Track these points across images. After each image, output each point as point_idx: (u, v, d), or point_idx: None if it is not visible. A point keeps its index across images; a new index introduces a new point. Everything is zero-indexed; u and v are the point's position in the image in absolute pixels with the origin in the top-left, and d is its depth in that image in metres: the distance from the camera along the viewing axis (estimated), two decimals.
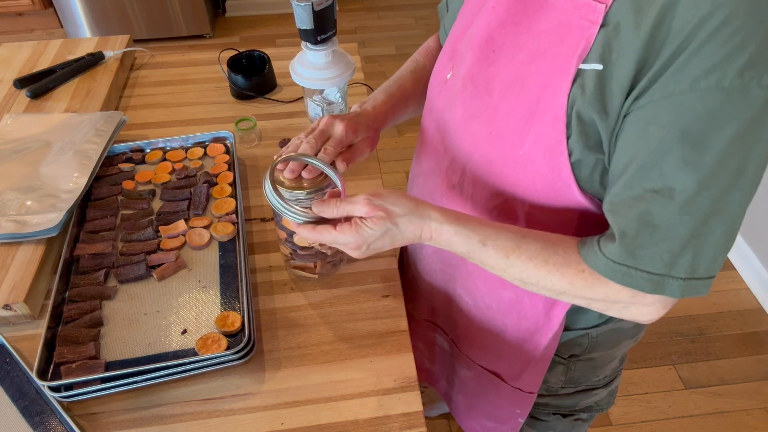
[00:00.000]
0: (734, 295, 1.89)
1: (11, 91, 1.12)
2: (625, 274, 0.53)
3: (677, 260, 0.51)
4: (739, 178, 0.48)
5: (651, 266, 0.52)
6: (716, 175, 0.48)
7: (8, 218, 0.81)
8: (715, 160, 0.47)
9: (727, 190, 0.49)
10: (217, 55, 1.23)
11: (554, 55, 0.54)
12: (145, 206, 0.89)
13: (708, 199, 0.49)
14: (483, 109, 0.62)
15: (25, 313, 0.75)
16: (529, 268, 0.58)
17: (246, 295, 0.74)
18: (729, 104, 0.45)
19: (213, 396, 0.69)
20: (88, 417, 0.67)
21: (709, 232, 0.50)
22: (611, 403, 0.90)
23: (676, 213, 0.50)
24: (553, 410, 0.87)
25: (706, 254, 0.51)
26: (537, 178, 0.58)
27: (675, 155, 0.48)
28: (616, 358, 0.83)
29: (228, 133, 1.00)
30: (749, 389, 1.65)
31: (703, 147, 0.47)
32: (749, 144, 0.47)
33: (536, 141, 0.56)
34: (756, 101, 0.45)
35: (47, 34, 3.17)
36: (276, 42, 3.12)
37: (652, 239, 0.51)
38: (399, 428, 0.66)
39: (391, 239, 0.60)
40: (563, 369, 0.80)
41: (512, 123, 0.58)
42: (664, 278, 0.52)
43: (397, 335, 0.75)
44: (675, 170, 0.49)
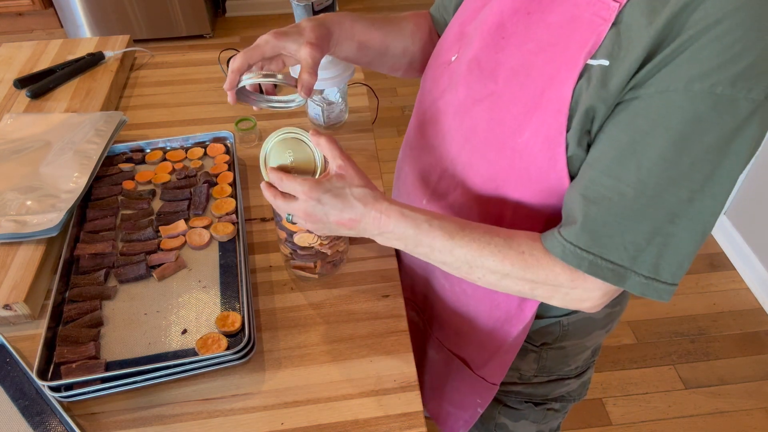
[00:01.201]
0: (734, 295, 1.89)
1: (11, 91, 1.12)
2: (592, 263, 0.54)
3: (641, 255, 0.53)
4: (711, 186, 0.50)
5: (616, 257, 0.53)
6: (689, 178, 0.50)
7: (8, 218, 0.81)
8: (691, 162, 0.49)
9: (698, 195, 0.50)
10: (217, 55, 1.23)
11: (563, 48, 0.54)
12: (145, 206, 0.89)
13: (677, 199, 0.50)
14: (486, 95, 0.62)
15: (25, 313, 0.75)
16: (473, 249, 0.60)
17: (246, 295, 0.74)
18: (716, 111, 0.47)
19: (213, 396, 0.69)
20: (88, 417, 0.67)
21: (675, 234, 0.52)
22: (583, 395, 0.92)
23: (645, 206, 0.51)
24: (526, 398, 0.88)
25: (671, 256, 0.53)
26: (532, 168, 0.59)
27: (655, 150, 0.50)
28: (588, 348, 0.84)
29: (228, 133, 1.00)
30: (749, 389, 1.65)
31: (683, 148, 0.49)
32: (725, 154, 0.49)
33: (536, 131, 0.57)
34: (740, 113, 0.47)
35: (47, 34, 3.17)
36: None
37: (619, 229, 0.53)
38: (399, 428, 0.66)
39: (342, 206, 0.60)
40: (535, 357, 0.81)
41: (514, 111, 0.59)
42: (627, 271, 0.53)
43: (397, 335, 0.75)
44: (652, 164, 0.50)
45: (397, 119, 2.61)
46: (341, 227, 0.62)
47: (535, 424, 0.91)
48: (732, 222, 2.00)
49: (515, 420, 0.90)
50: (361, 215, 0.61)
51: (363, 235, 0.63)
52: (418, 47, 0.82)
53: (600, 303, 0.59)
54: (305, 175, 0.65)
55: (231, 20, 3.34)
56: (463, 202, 0.69)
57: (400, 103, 2.70)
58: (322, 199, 0.60)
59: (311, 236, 0.72)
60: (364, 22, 0.75)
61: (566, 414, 0.95)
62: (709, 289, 1.91)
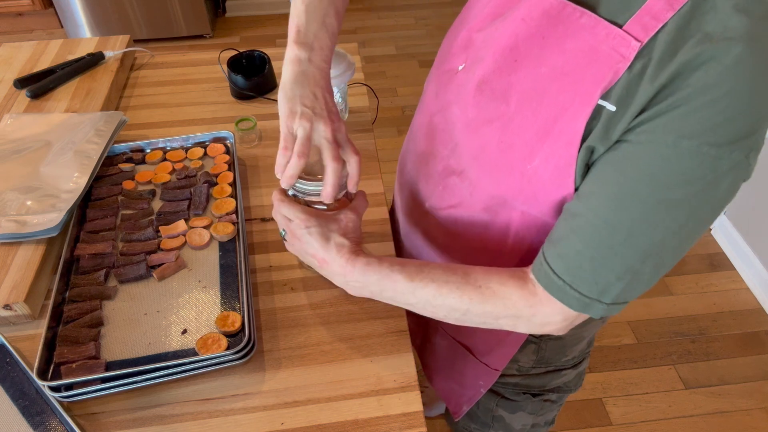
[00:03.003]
0: (734, 295, 1.89)
1: (11, 91, 1.12)
2: (560, 288, 0.57)
3: (609, 288, 0.56)
4: (681, 229, 0.53)
5: (586, 289, 0.56)
6: (664, 223, 0.52)
7: (8, 218, 0.81)
8: (668, 209, 0.52)
9: (669, 238, 0.53)
10: (217, 55, 1.23)
11: (579, 78, 0.54)
12: (145, 206, 0.89)
13: (651, 241, 0.53)
14: (497, 116, 0.61)
15: (25, 313, 0.75)
16: (432, 289, 0.62)
17: (246, 295, 0.74)
18: (700, 168, 0.49)
19: (213, 396, 0.69)
20: (88, 417, 0.67)
21: (643, 271, 0.55)
22: (579, 385, 0.94)
23: (620, 245, 0.54)
24: (523, 390, 0.90)
25: (635, 288, 0.56)
26: (541, 193, 0.60)
27: (637, 195, 0.52)
28: (585, 339, 0.86)
29: (228, 133, 1.00)
30: (749, 389, 1.65)
31: (663, 196, 0.51)
32: (700, 202, 0.51)
33: (547, 159, 0.57)
34: (720, 169, 0.49)
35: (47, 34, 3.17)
36: (276, 42, 3.12)
37: (593, 266, 0.55)
38: (399, 428, 0.66)
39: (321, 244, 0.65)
40: (534, 348, 0.83)
41: (525, 136, 0.59)
42: (593, 302, 0.57)
43: (397, 335, 0.75)
44: (632, 208, 0.53)
45: (397, 119, 2.61)
46: (314, 260, 0.66)
47: (532, 416, 0.92)
48: (732, 222, 1.99)
49: (512, 412, 0.92)
50: (332, 260, 0.64)
51: (331, 278, 0.67)
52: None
53: (563, 326, 0.62)
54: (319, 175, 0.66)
55: (231, 20, 3.34)
56: (471, 210, 0.69)
57: (400, 103, 2.70)
58: (311, 230, 0.65)
59: None
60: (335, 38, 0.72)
61: (561, 406, 0.96)
62: (709, 289, 1.91)
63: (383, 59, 3.02)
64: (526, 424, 0.93)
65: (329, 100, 0.66)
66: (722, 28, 0.47)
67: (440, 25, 3.29)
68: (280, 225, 0.69)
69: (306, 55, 0.66)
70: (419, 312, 0.66)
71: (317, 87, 0.65)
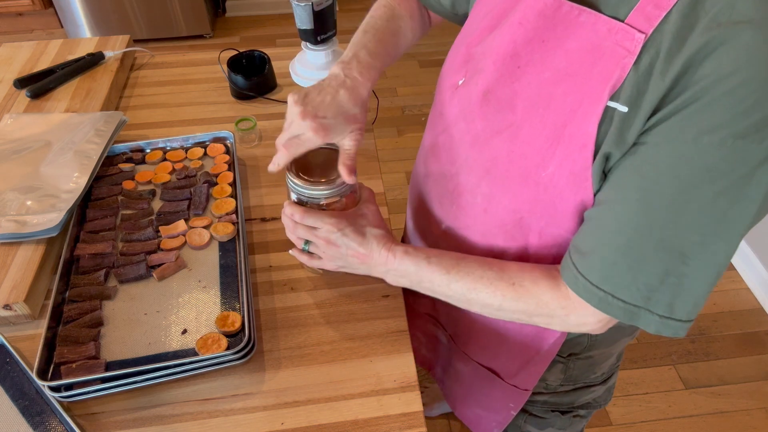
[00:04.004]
0: (734, 295, 1.89)
1: (11, 91, 1.12)
2: (602, 299, 0.55)
3: (655, 295, 0.53)
4: (723, 229, 0.49)
5: (628, 296, 0.54)
6: (698, 222, 0.49)
7: (8, 218, 0.81)
8: (700, 207, 0.49)
9: (710, 238, 0.50)
10: (217, 55, 1.23)
11: (585, 79, 0.52)
12: (145, 206, 0.89)
13: (687, 241, 0.50)
14: (506, 126, 0.60)
15: (25, 313, 0.75)
16: (467, 282, 0.62)
17: (246, 295, 0.74)
18: (726, 162, 0.47)
19: (213, 396, 0.69)
20: (88, 417, 0.67)
21: (688, 275, 0.51)
22: (608, 400, 0.91)
23: (654, 249, 0.51)
24: (552, 407, 0.88)
25: (686, 296, 0.52)
26: (558, 201, 0.58)
27: (663, 197, 0.50)
28: (614, 355, 0.84)
29: (228, 133, 1.00)
30: (749, 389, 1.65)
31: (691, 195, 0.49)
32: (737, 199, 0.48)
33: (561, 165, 0.56)
34: (752, 160, 0.46)
35: (47, 34, 3.17)
36: (276, 42, 3.12)
37: (629, 269, 0.53)
38: (399, 428, 0.66)
39: (360, 241, 0.66)
40: (562, 368, 0.80)
41: (536, 144, 0.57)
42: (640, 310, 0.54)
43: (397, 335, 0.75)
44: (659, 210, 0.50)
45: (397, 119, 2.61)
46: (354, 259, 0.67)
47: (561, 431, 0.90)
48: None
49: (541, 429, 0.90)
50: (373, 252, 0.66)
51: (371, 272, 0.68)
52: (419, 33, 0.82)
53: (599, 327, 0.60)
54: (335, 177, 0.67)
55: (231, 20, 3.34)
56: (486, 230, 0.68)
57: (400, 103, 2.70)
58: (345, 231, 0.66)
59: None
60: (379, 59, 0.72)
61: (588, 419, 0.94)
62: None
63: None
64: None
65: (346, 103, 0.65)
66: (729, 10, 0.45)
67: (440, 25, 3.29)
68: (299, 240, 0.70)
69: (339, 68, 0.68)
70: (455, 303, 0.65)
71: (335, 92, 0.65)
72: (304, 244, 0.69)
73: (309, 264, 0.72)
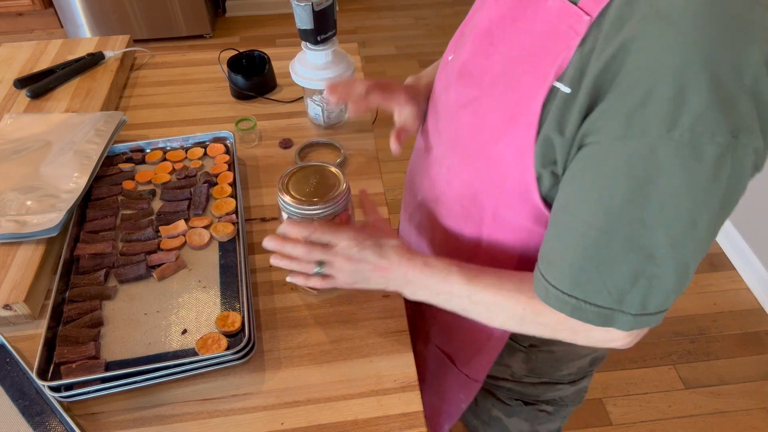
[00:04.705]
0: (734, 295, 1.89)
1: (11, 91, 1.12)
2: (575, 307, 0.54)
3: (626, 297, 0.52)
4: (692, 228, 0.48)
5: (600, 300, 0.53)
6: (660, 220, 0.48)
7: (8, 218, 0.81)
8: (660, 205, 0.47)
9: (678, 238, 0.49)
10: (217, 55, 1.23)
11: (540, 60, 0.53)
12: (145, 206, 0.89)
13: (652, 241, 0.49)
14: (471, 100, 0.62)
15: (25, 313, 0.75)
16: (489, 294, 0.61)
17: (246, 295, 0.74)
18: (678, 157, 0.45)
19: (213, 396, 0.69)
20: (88, 417, 0.67)
21: (658, 274, 0.51)
22: (579, 402, 0.91)
23: (618, 250, 0.50)
24: (516, 396, 0.88)
25: (657, 293, 0.52)
26: (505, 177, 0.59)
27: (620, 196, 0.49)
28: (584, 357, 0.82)
29: (228, 133, 1.00)
30: (749, 389, 1.65)
31: (648, 192, 0.47)
32: (699, 197, 0.47)
33: (510, 142, 0.56)
34: (707, 157, 0.45)
35: (47, 34, 3.17)
36: (276, 42, 3.12)
37: (597, 273, 0.52)
38: (399, 428, 0.66)
39: (380, 253, 0.64)
40: (524, 357, 0.81)
41: (494, 119, 0.59)
42: (614, 312, 0.53)
43: (397, 335, 0.75)
44: (618, 209, 0.49)
45: None
46: (374, 273, 0.65)
47: (528, 423, 0.91)
48: (732, 222, 1.99)
49: (508, 416, 0.91)
50: (393, 264, 0.64)
51: (389, 285, 0.66)
52: None
53: (628, 341, 0.58)
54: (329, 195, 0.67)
55: (231, 20, 3.34)
56: (449, 205, 0.69)
57: None
58: (365, 244, 0.64)
59: None
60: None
61: (566, 419, 0.94)
62: (709, 289, 1.91)
63: (383, 59, 3.02)
64: (523, 430, 0.92)
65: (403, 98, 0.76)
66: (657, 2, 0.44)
67: (440, 25, 3.29)
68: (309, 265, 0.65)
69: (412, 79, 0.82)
70: (474, 317, 0.64)
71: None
72: (317, 267, 0.65)
73: (321, 287, 0.68)
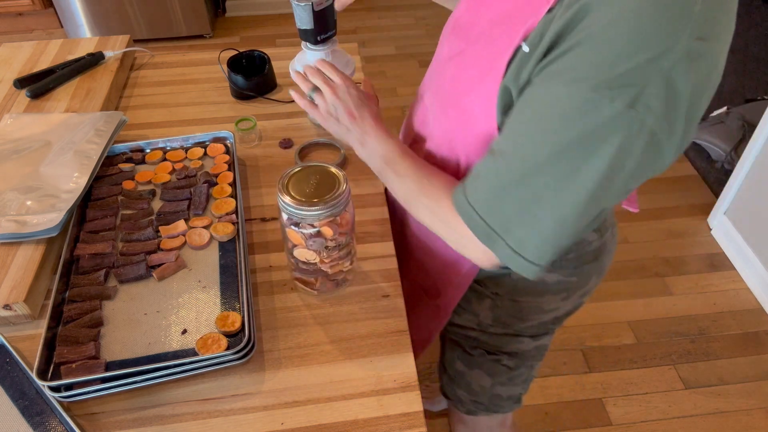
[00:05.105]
0: (734, 295, 1.89)
1: (11, 91, 1.12)
2: (470, 216, 0.61)
3: (511, 227, 0.58)
4: (573, 179, 0.54)
5: (490, 220, 0.59)
6: (553, 166, 0.54)
7: (8, 218, 0.81)
8: (556, 152, 0.53)
9: (561, 185, 0.54)
10: (217, 55, 1.23)
11: (514, 24, 0.57)
12: (145, 206, 0.89)
13: (542, 183, 0.55)
14: (457, 53, 0.68)
15: (25, 313, 0.75)
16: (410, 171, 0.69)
17: (246, 295, 0.74)
18: (580, 111, 0.51)
19: (213, 396, 0.69)
20: (88, 417, 0.67)
21: (539, 217, 0.56)
22: (538, 359, 0.95)
23: (516, 182, 0.56)
24: (481, 345, 0.93)
25: (535, 236, 0.58)
26: (475, 128, 0.65)
27: (529, 134, 0.55)
28: (546, 312, 0.87)
29: (228, 133, 1.00)
30: (749, 389, 1.65)
31: (551, 137, 0.53)
32: (589, 153, 0.52)
33: (479, 95, 0.62)
34: (602, 117, 0.50)
35: (47, 34, 3.17)
36: (276, 42, 3.12)
37: (497, 197, 0.58)
38: (399, 428, 0.66)
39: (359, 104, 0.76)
40: (490, 304, 0.86)
41: (469, 73, 0.64)
42: (498, 237, 0.59)
43: (397, 335, 0.75)
44: (524, 146, 0.56)
45: (397, 119, 2.60)
46: (346, 117, 0.76)
47: (489, 378, 0.94)
48: (732, 222, 2.00)
49: (470, 368, 0.95)
50: (363, 118, 0.75)
51: (351, 136, 0.76)
52: None
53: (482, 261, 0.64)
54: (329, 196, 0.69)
55: (231, 20, 3.34)
56: (429, 153, 0.76)
57: (401, 103, 2.70)
58: (351, 92, 0.77)
59: (310, 253, 0.73)
60: None
61: (527, 384, 0.98)
62: (709, 289, 1.91)
63: (383, 59, 3.02)
64: (484, 385, 0.95)
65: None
66: None
67: (440, 24, 3.29)
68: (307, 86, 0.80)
69: None
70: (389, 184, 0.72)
71: None
72: (310, 92, 0.79)
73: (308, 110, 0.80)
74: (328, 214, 0.68)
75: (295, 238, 0.72)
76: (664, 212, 2.18)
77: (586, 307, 1.84)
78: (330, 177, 0.71)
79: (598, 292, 1.89)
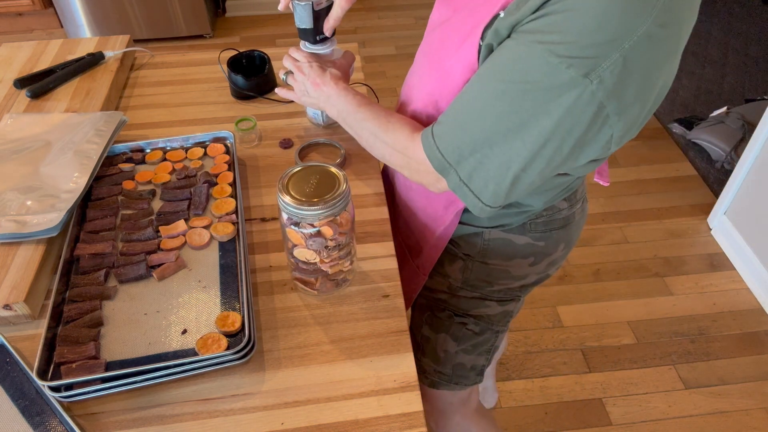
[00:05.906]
0: (734, 295, 1.89)
1: (11, 91, 1.12)
2: (430, 147, 0.68)
3: (463, 161, 0.65)
4: (523, 131, 0.60)
5: (446, 152, 0.66)
6: (507, 116, 0.60)
7: (8, 218, 0.81)
8: (512, 103, 0.59)
9: (512, 134, 0.60)
10: (217, 55, 1.23)
11: None
12: (145, 206, 0.89)
13: (495, 129, 0.61)
14: (444, 20, 0.73)
15: (25, 313, 0.75)
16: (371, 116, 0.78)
17: (246, 295, 0.74)
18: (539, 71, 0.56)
19: (213, 396, 0.69)
20: (88, 417, 0.67)
21: (489, 157, 0.63)
22: (503, 325, 0.98)
23: (472, 123, 0.63)
24: (449, 308, 0.96)
25: (482, 173, 0.65)
26: (456, 89, 0.69)
27: (490, 82, 0.61)
28: (514, 278, 0.92)
29: (228, 133, 1.00)
30: (749, 389, 1.65)
31: (508, 87, 0.59)
32: (541, 110, 0.58)
33: (460, 58, 0.67)
34: (557, 79, 0.55)
35: (47, 34, 3.17)
36: (276, 42, 3.12)
37: (455, 134, 0.65)
38: (399, 428, 0.66)
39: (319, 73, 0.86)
40: (462, 265, 0.91)
41: (453, 39, 0.69)
42: (451, 168, 0.66)
43: (397, 335, 0.75)
44: (485, 92, 0.61)
45: None
46: (312, 86, 0.86)
47: (455, 343, 0.96)
48: (732, 222, 2.00)
49: (436, 332, 0.97)
50: (324, 82, 0.85)
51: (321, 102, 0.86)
52: None
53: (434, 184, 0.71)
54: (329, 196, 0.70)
55: (231, 20, 3.34)
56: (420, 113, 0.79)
57: None
58: (312, 65, 0.87)
59: (310, 253, 0.73)
60: None
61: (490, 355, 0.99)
62: (709, 289, 1.91)
63: (383, 59, 3.02)
64: (449, 351, 0.97)
65: None
66: None
67: None
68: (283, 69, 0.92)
69: None
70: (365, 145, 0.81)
71: None
72: (283, 75, 0.92)
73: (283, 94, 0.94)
74: (327, 214, 0.68)
75: (295, 238, 0.72)
76: (664, 212, 2.18)
77: (586, 307, 1.85)
78: (330, 177, 0.71)
79: (598, 292, 1.89)
